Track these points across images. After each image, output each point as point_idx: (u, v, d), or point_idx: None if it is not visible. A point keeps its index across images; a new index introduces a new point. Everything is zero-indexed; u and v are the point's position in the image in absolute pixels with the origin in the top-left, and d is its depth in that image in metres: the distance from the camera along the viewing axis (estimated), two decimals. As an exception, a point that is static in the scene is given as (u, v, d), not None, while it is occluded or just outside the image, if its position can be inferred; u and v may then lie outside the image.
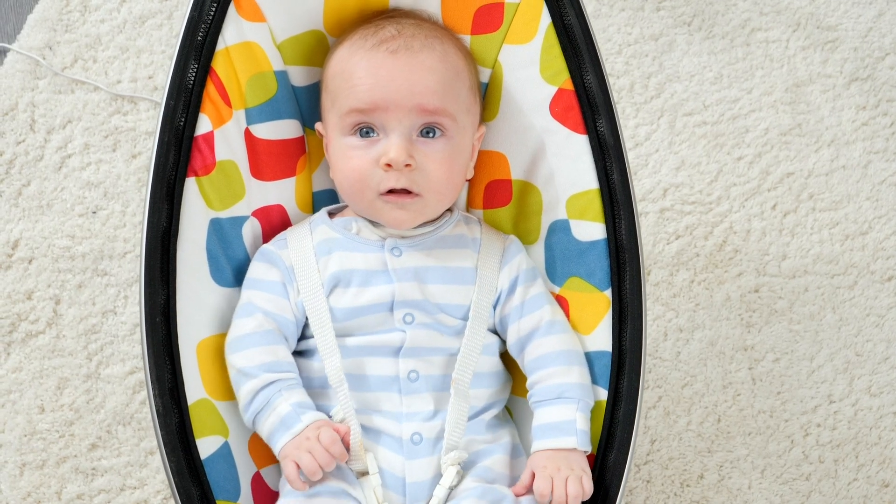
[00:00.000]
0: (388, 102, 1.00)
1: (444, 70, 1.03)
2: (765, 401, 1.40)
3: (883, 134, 1.56)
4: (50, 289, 1.38)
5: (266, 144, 1.09)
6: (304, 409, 0.98)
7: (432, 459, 1.00)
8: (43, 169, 1.45)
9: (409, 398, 1.02)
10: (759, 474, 1.36)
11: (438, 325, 1.04)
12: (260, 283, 1.05)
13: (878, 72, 1.60)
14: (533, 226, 1.11)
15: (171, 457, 0.94)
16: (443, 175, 1.03)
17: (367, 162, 1.02)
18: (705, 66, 1.58)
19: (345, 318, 1.03)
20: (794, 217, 1.50)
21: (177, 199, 0.99)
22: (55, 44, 1.51)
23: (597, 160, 1.05)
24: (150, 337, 0.95)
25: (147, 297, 0.96)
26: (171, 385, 0.96)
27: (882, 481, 1.37)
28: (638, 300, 1.01)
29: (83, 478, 1.30)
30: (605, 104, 1.04)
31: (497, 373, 1.07)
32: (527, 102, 1.09)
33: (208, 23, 1.02)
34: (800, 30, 1.62)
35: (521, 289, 1.07)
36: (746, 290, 1.45)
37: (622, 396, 1.00)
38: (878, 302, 1.46)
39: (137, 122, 1.48)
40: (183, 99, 1.01)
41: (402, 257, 1.05)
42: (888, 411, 1.40)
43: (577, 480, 0.96)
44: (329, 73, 1.07)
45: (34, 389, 1.33)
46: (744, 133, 1.55)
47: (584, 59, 1.05)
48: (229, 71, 1.04)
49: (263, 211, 1.10)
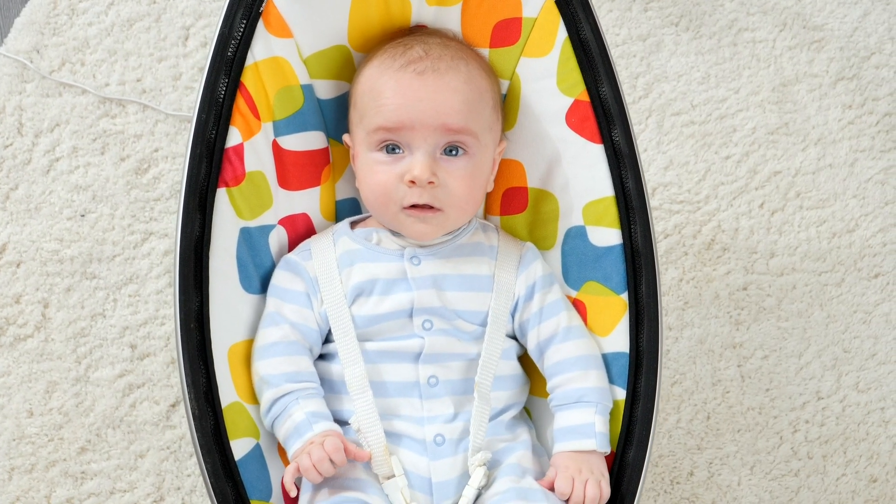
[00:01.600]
0: (414, 122, 1.04)
1: (468, 91, 1.06)
2: (754, 398, 1.40)
3: (869, 132, 1.57)
4: (38, 292, 1.38)
5: (293, 155, 1.13)
6: (318, 419, 1.01)
7: (456, 459, 1.03)
8: (31, 172, 1.45)
9: (430, 402, 1.05)
10: (748, 471, 1.37)
11: (456, 332, 1.07)
12: (285, 293, 1.08)
13: (864, 71, 1.61)
14: (549, 232, 1.15)
15: (207, 458, 0.96)
16: (464, 191, 1.07)
17: (392, 177, 1.06)
18: (693, 67, 1.59)
19: (365, 324, 1.07)
20: (782, 215, 1.51)
21: (209, 209, 1.03)
22: (43, 47, 1.51)
23: (612, 168, 1.08)
24: (185, 342, 0.98)
25: (182, 303, 0.99)
26: (206, 389, 0.98)
27: (870, 476, 1.38)
28: (654, 303, 1.05)
29: (72, 482, 1.29)
30: (619, 114, 1.08)
31: (515, 376, 1.11)
32: (544, 113, 1.13)
33: (238, 39, 1.06)
34: (786, 30, 1.63)
35: (539, 295, 1.10)
36: (735, 287, 1.46)
37: (640, 395, 1.03)
38: (866, 299, 1.47)
39: (126, 125, 1.48)
40: (214, 112, 1.04)
41: (421, 266, 1.08)
42: (876, 407, 1.41)
43: (596, 484, 1.00)
44: (358, 91, 1.10)
45: (23, 393, 1.33)
46: (731, 132, 1.56)
47: (600, 71, 1.09)
48: (258, 85, 1.07)
49: (289, 219, 1.14)
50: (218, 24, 1.05)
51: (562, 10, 1.10)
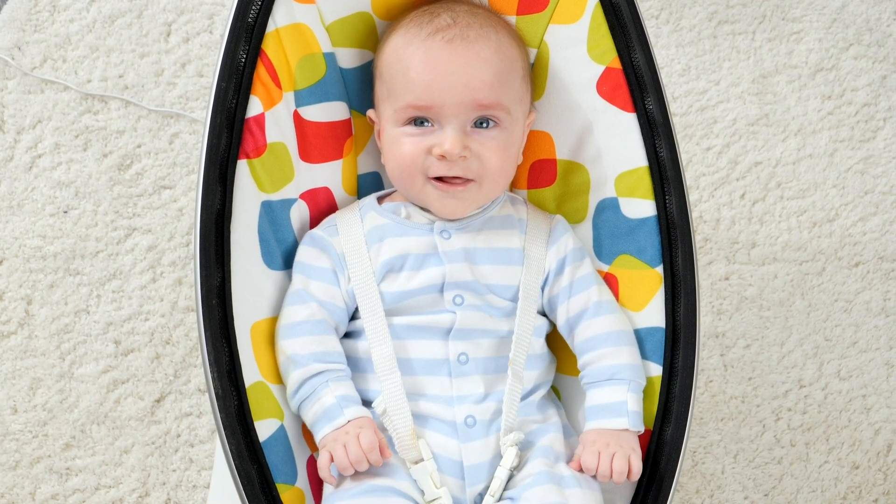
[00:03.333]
0: (445, 99, 1.01)
1: (498, 62, 1.03)
2: (736, 386, 1.41)
3: (848, 123, 1.58)
4: (21, 289, 1.38)
5: (315, 126, 1.09)
6: (349, 403, 0.98)
7: (488, 441, 1.00)
8: (13, 169, 1.44)
9: (460, 381, 1.01)
10: (731, 459, 1.37)
11: (487, 307, 1.04)
12: (312, 270, 1.05)
13: (843, 62, 1.62)
14: (580, 205, 1.12)
15: (231, 439, 0.92)
16: (497, 163, 1.04)
17: (421, 149, 1.03)
18: (673, 59, 1.60)
19: (395, 301, 1.04)
20: (763, 205, 1.52)
21: (230, 182, 0.98)
22: (24, 44, 1.51)
23: (646, 138, 1.05)
24: (207, 319, 0.93)
25: (203, 279, 0.94)
26: (229, 368, 0.94)
27: (852, 463, 1.39)
28: (691, 275, 1.02)
29: (57, 478, 1.29)
30: (653, 82, 1.04)
31: (544, 354, 1.08)
32: (574, 82, 1.10)
33: (259, 4, 1.01)
34: (765, 22, 1.64)
35: (570, 269, 1.07)
36: (717, 277, 1.47)
37: (678, 371, 1.00)
38: (846, 287, 1.48)
39: (108, 121, 1.48)
40: (234, 81, 0.99)
41: (452, 239, 1.05)
42: (857, 395, 1.42)
43: (625, 458, 0.97)
44: (384, 61, 1.07)
45: (6, 390, 1.33)
46: (712, 124, 1.57)
47: (632, 37, 1.05)
48: (279, 52, 1.03)
49: (310, 193, 1.10)
50: None
51: None
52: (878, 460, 1.39)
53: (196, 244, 0.95)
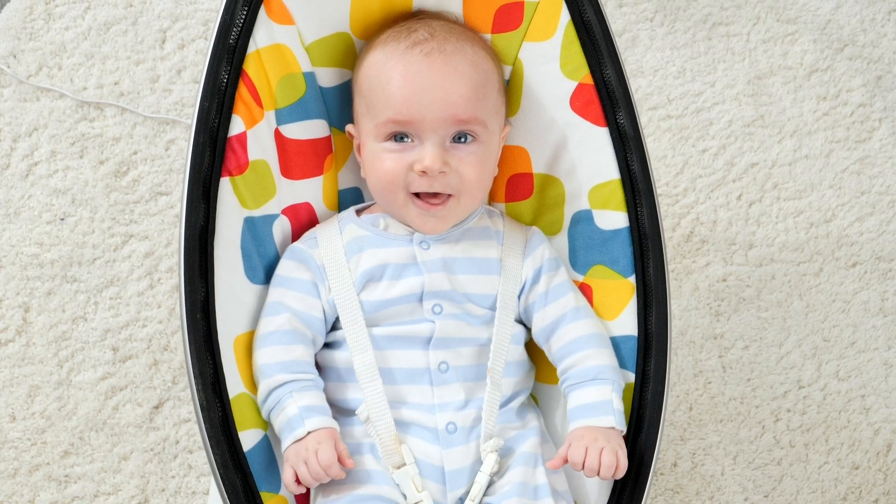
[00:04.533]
0: (424, 114, 1.04)
1: (475, 75, 1.06)
2: (735, 388, 1.41)
3: (843, 123, 1.59)
4: (19, 296, 1.38)
5: (295, 144, 1.12)
6: (311, 414, 1.00)
7: (469, 447, 1.02)
8: (10, 177, 1.44)
9: (441, 389, 1.04)
10: (731, 460, 1.37)
11: (466, 316, 1.07)
12: (289, 281, 1.07)
13: (838, 63, 1.63)
14: (556, 217, 1.15)
15: (216, 450, 0.95)
16: (475, 177, 1.07)
17: (402, 165, 1.05)
18: (668, 61, 1.60)
19: (374, 310, 1.06)
20: (760, 207, 1.52)
21: (213, 199, 1.01)
22: (19, 52, 1.51)
23: (617, 151, 1.08)
24: (192, 333, 0.97)
25: (187, 294, 0.97)
26: (213, 380, 0.97)
27: (852, 464, 1.39)
28: (662, 285, 1.05)
29: (56, 485, 1.29)
30: (624, 97, 1.08)
31: (522, 362, 1.10)
32: (548, 98, 1.13)
33: (240, 26, 1.05)
34: (760, 23, 1.64)
35: (546, 277, 1.10)
36: (714, 279, 1.47)
37: (650, 378, 1.03)
38: (844, 288, 1.48)
39: (104, 129, 1.48)
40: (217, 100, 1.03)
41: (430, 250, 1.08)
42: (856, 395, 1.42)
43: (613, 452, 0.99)
44: (362, 76, 1.09)
45: (4, 398, 1.32)
46: (708, 125, 1.57)
47: (603, 54, 1.08)
48: (260, 72, 1.07)
49: (292, 209, 1.13)
50: (219, 12, 1.04)
51: None
52: (878, 460, 1.39)
53: (180, 260, 0.98)
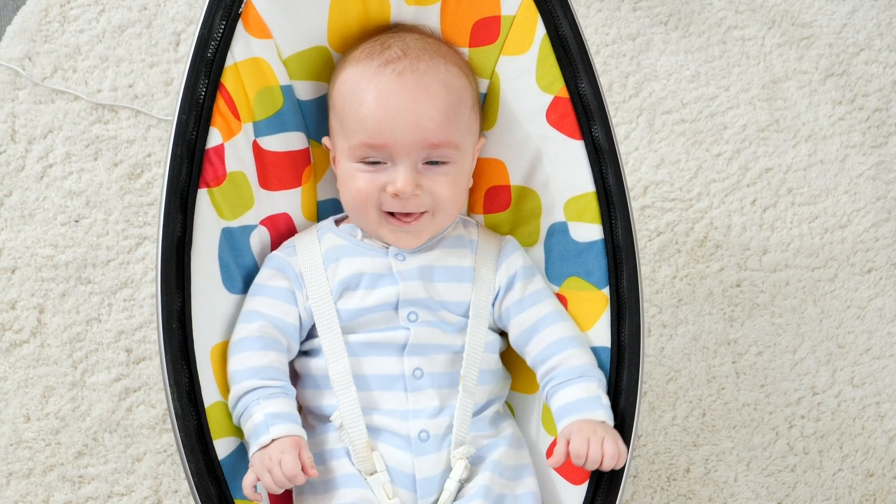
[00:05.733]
0: (396, 138, 1.04)
1: (447, 96, 1.06)
2: (749, 394, 1.41)
3: (859, 128, 1.58)
4: (34, 298, 1.38)
5: (273, 156, 1.13)
6: (277, 421, 1.00)
7: (441, 455, 1.03)
8: (24, 179, 1.45)
9: (415, 395, 1.05)
10: (744, 467, 1.37)
11: (441, 323, 1.08)
12: (266, 289, 1.08)
13: (853, 67, 1.62)
14: (532, 229, 1.15)
15: (191, 458, 0.96)
16: (449, 196, 1.08)
17: (374, 186, 1.07)
18: (682, 65, 1.60)
19: (351, 318, 1.07)
20: (774, 212, 1.52)
21: (190, 210, 1.03)
22: (35, 54, 1.52)
23: (593, 164, 1.09)
24: (168, 343, 0.98)
25: (164, 304, 0.99)
26: (189, 388, 0.99)
27: (867, 471, 1.38)
28: (635, 297, 1.05)
29: (70, 486, 1.29)
30: (599, 110, 1.08)
31: (497, 370, 1.11)
32: (524, 111, 1.13)
33: (217, 40, 1.06)
34: (775, 27, 1.64)
35: (521, 285, 1.10)
36: (728, 284, 1.47)
37: (622, 390, 1.03)
38: (859, 294, 1.47)
39: (118, 131, 1.48)
40: (194, 113, 1.04)
41: (406, 261, 1.09)
42: (871, 402, 1.41)
43: (613, 441, 0.99)
44: (336, 93, 1.10)
45: (19, 398, 1.33)
46: (722, 130, 1.56)
47: (578, 67, 1.09)
48: (238, 85, 1.08)
49: (271, 219, 1.14)
50: (197, 26, 1.05)
51: (540, 7, 1.10)
52: (893, 468, 1.38)
53: (157, 271, 1.00)
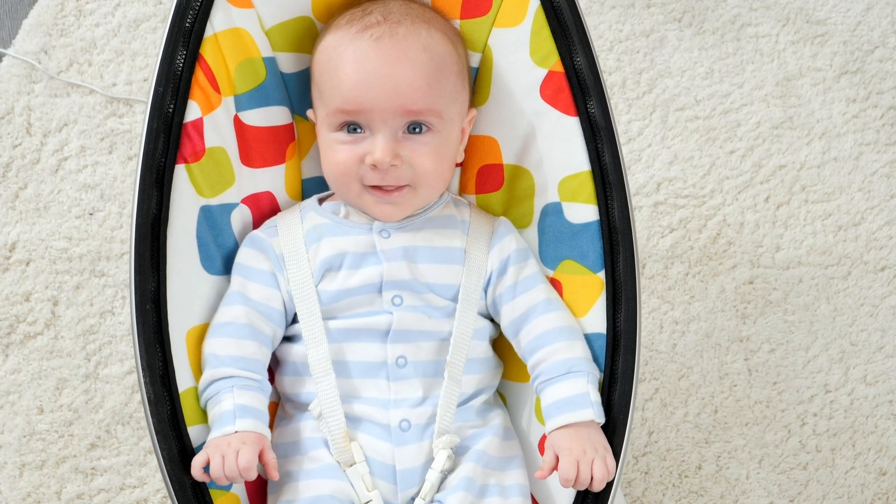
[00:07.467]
0: (374, 104, 0.99)
1: (427, 62, 1.01)
2: (761, 391, 1.40)
3: (873, 126, 1.57)
4: (48, 290, 1.39)
5: (255, 131, 1.08)
6: (245, 414, 0.96)
7: (422, 445, 0.99)
8: (39, 172, 1.46)
9: (398, 384, 1.01)
10: (756, 464, 1.37)
11: (427, 308, 1.03)
12: (250, 272, 1.04)
13: (868, 65, 1.61)
14: (526, 210, 1.10)
15: (163, 444, 0.92)
16: (431, 168, 1.03)
17: (354, 158, 1.02)
18: (696, 62, 1.60)
19: (332, 300, 1.03)
20: (787, 209, 1.51)
21: (166, 187, 0.98)
22: (50, 48, 1.52)
23: (588, 142, 1.03)
24: (141, 324, 0.94)
25: (137, 284, 0.95)
26: (163, 373, 0.94)
27: (879, 469, 1.37)
28: (632, 281, 1.00)
29: (83, 477, 1.30)
30: (595, 86, 1.02)
31: (487, 359, 1.07)
32: (517, 86, 1.08)
33: (196, 9, 1.01)
34: (789, 24, 1.63)
35: (514, 269, 1.05)
36: (741, 281, 1.46)
37: (618, 377, 0.99)
38: (872, 292, 1.47)
39: (133, 125, 1.49)
40: (172, 86, 0.99)
41: (391, 238, 1.04)
42: (884, 400, 1.41)
43: (602, 462, 0.95)
44: (316, 62, 1.06)
45: (33, 390, 1.34)
46: (735, 127, 1.56)
47: (574, 40, 1.03)
48: (218, 57, 1.03)
49: (253, 198, 1.09)
50: None
51: None
52: (906, 466, 1.38)
53: (131, 250, 0.95)
